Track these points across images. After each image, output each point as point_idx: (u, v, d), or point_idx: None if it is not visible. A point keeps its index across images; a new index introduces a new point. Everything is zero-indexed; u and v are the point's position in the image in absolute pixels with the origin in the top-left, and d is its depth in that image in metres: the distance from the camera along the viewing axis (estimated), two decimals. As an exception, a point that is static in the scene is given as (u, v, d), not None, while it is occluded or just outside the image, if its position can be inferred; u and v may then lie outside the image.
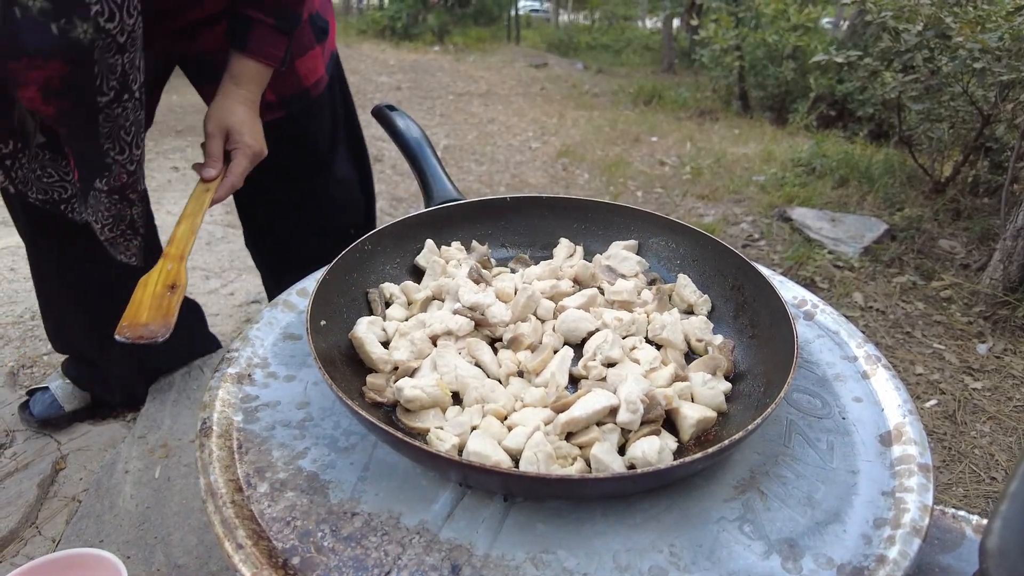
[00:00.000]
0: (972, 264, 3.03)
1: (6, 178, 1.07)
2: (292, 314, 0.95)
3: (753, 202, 3.93)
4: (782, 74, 5.92)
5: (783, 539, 0.64)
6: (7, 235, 2.91)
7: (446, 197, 1.09)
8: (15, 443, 1.72)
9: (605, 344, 0.81)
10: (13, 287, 2.50)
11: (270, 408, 0.78)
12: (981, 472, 1.89)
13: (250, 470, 0.69)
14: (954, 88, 3.22)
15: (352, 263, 0.93)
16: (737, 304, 0.94)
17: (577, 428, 0.70)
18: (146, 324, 0.80)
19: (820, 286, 2.90)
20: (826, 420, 0.80)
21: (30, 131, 1.05)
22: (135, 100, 0.92)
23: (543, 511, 0.67)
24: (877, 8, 3.17)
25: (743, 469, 0.73)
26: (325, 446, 0.73)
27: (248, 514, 0.64)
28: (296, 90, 1.34)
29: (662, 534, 0.65)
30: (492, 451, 0.67)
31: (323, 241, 1.50)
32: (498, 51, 10.18)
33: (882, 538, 0.64)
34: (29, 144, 1.06)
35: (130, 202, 1.08)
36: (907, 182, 4.01)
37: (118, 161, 0.98)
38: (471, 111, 6.22)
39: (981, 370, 2.34)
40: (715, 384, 0.78)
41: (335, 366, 0.78)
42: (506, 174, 4.49)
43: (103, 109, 0.89)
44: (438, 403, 0.75)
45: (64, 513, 1.53)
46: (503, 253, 1.11)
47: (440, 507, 0.67)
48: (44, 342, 2.17)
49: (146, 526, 1.47)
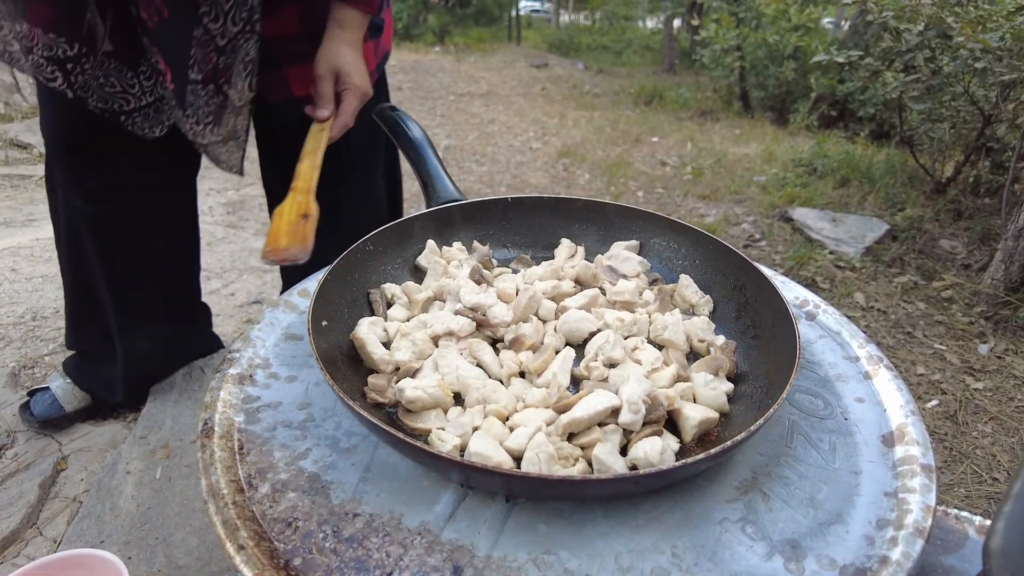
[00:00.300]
0: (973, 264, 3.02)
1: (65, 81, 1.07)
2: (293, 314, 0.95)
3: (754, 202, 3.93)
4: (783, 74, 5.91)
5: (785, 540, 0.64)
6: (7, 235, 2.91)
7: (448, 198, 1.09)
8: (16, 444, 1.72)
9: (607, 345, 0.80)
10: (15, 287, 2.50)
11: (271, 409, 0.78)
12: (983, 473, 1.89)
13: (252, 471, 0.69)
14: (955, 88, 3.22)
15: (354, 263, 0.93)
16: (739, 304, 0.94)
17: (579, 429, 0.70)
18: (286, 248, 0.88)
19: (821, 286, 2.89)
20: (828, 421, 0.80)
21: (98, 36, 1.05)
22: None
23: (545, 512, 0.67)
24: (878, 8, 3.16)
25: (745, 470, 0.73)
26: (327, 447, 0.73)
27: (250, 515, 0.64)
28: None
29: (664, 535, 0.65)
30: (494, 452, 0.66)
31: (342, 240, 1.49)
32: (499, 51, 10.17)
33: (885, 539, 0.64)
34: (95, 50, 1.07)
35: (224, 96, 1.08)
36: (908, 182, 4.01)
37: (210, 32, 0.98)
38: (472, 111, 6.22)
39: (983, 370, 2.34)
40: (717, 385, 0.78)
41: (336, 367, 0.78)
42: (507, 174, 4.49)
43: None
44: (440, 404, 0.75)
45: (65, 514, 1.53)
46: (504, 253, 1.11)
47: (442, 508, 0.67)
48: (45, 343, 2.17)
49: (147, 527, 1.47)
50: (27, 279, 2.57)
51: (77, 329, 1.70)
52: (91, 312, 1.61)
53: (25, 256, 2.74)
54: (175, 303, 1.66)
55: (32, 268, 2.65)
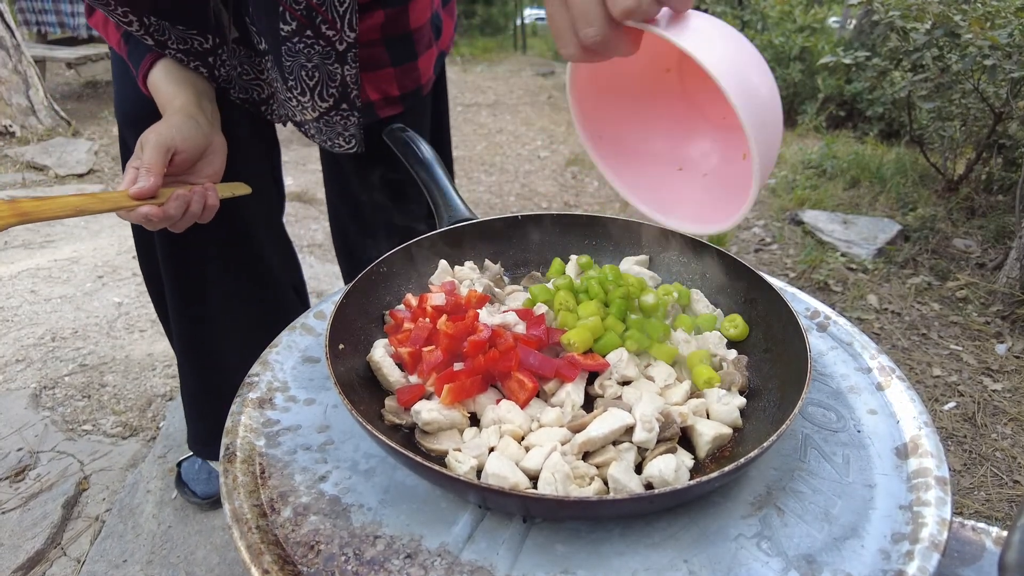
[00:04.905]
0: (988, 263, 3.00)
1: (210, 74, 1.09)
2: (311, 337, 0.97)
3: (764, 206, 3.92)
4: (790, 76, 5.90)
5: (801, 555, 0.65)
6: (26, 257, 2.97)
7: (458, 217, 1.10)
8: (39, 464, 1.76)
9: (620, 362, 0.81)
10: (34, 309, 2.55)
11: (291, 432, 0.80)
12: (1003, 475, 1.88)
13: (274, 495, 0.71)
14: (965, 86, 3.21)
15: (368, 286, 0.94)
16: (750, 318, 0.94)
17: (594, 448, 0.71)
18: None
19: (834, 289, 2.88)
20: (841, 433, 0.80)
21: (225, 24, 1.06)
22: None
23: (562, 531, 0.68)
24: (884, 8, 3.16)
25: (760, 485, 0.73)
26: (347, 469, 0.75)
27: (273, 539, 0.65)
28: (414, 86, 1.30)
29: (680, 552, 0.65)
30: (510, 472, 0.67)
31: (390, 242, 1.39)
32: (505, 61, 10.22)
33: (901, 553, 0.64)
34: (226, 39, 1.07)
35: (328, 40, 1.02)
36: (919, 181, 3.98)
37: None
38: (479, 122, 6.25)
39: (1000, 371, 2.32)
40: (730, 400, 0.79)
41: (354, 389, 0.79)
42: (516, 184, 4.50)
43: None
44: (455, 425, 0.76)
45: (88, 533, 1.56)
46: (515, 271, 1.12)
47: (460, 529, 0.68)
48: (65, 363, 2.21)
49: (169, 545, 1.50)
50: (46, 300, 2.61)
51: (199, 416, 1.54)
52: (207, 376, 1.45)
53: (44, 277, 2.79)
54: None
55: (51, 289, 2.70)
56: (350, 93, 1.12)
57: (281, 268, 1.47)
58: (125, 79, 1.17)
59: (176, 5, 1.01)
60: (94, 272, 2.85)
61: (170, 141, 0.95)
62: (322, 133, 1.20)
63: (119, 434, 1.89)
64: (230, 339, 1.37)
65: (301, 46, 1.03)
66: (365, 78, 1.21)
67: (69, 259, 2.96)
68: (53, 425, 1.90)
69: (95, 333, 2.40)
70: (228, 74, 1.13)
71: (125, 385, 2.10)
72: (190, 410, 1.51)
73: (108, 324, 2.46)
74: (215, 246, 1.26)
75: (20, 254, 3.00)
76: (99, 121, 5.29)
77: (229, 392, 0.84)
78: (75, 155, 4.33)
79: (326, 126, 1.18)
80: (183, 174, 1.03)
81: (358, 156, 1.27)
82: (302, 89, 1.09)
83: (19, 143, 4.55)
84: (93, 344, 2.33)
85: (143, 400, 2.03)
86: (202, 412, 1.50)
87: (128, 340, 2.36)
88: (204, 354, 1.39)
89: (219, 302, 1.33)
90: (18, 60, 4.66)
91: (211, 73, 1.09)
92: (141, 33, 1.01)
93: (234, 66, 1.13)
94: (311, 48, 1.03)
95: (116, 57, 1.18)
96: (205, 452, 1.59)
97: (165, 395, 2.06)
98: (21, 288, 2.69)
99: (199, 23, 1.03)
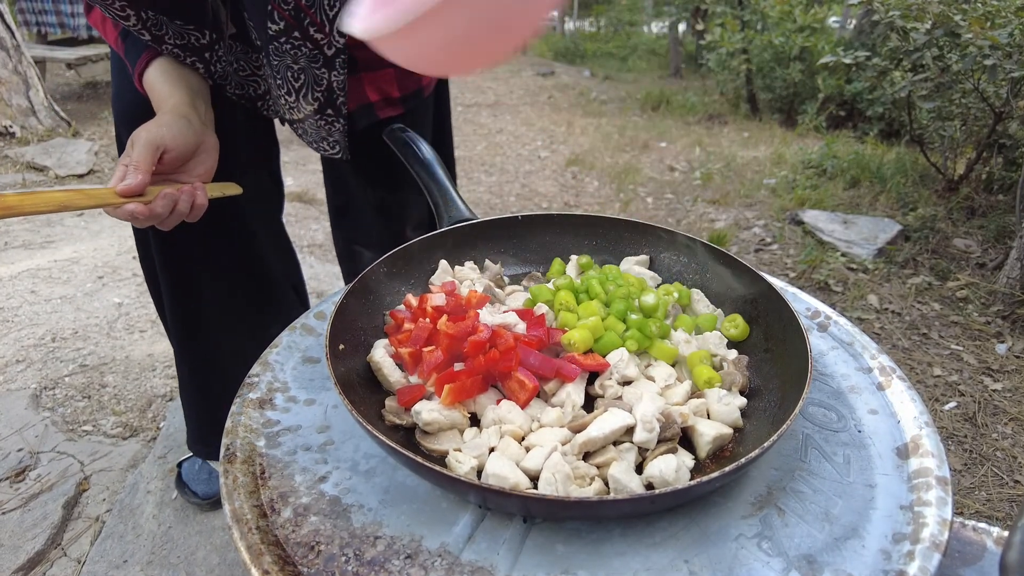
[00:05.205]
0: (988, 263, 3.00)
1: (206, 71, 1.08)
2: (311, 338, 0.97)
3: (764, 206, 3.92)
4: (790, 76, 5.90)
5: (802, 555, 0.65)
6: (26, 257, 2.97)
7: (459, 217, 1.10)
8: (39, 464, 1.76)
9: (620, 362, 0.81)
10: (34, 309, 2.55)
11: (291, 432, 0.80)
12: (1004, 475, 1.87)
13: (274, 495, 0.71)
14: (965, 85, 3.21)
15: (369, 286, 0.94)
16: (750, 318, 0.94)
17: (594, 448, 0.71)
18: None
19: (834, 289, 2.88)
20: (842, 433, 0.80)
21: (223, 20, 1.06)
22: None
23: (563, 531, 0.68)
24: (884, 8, 3.16)
25: (760, 485, 0.73)
26: (347, 469, 0.75)
27: (273, 540, 0.65)
28: (415, 87, 1.30)
29: (681, 552, 0.65)
30: (510, 472, 0.67)
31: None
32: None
33: (901, 553, 0.64)
34: (223, 35, 1.07)
35: (315, 43, 1.01)
36: (920, 181, 3.98)
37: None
38: (480, 122, 6.26)
39: (1001, 371, 2.32)
40: (730, 400, 0.79)
41: (354, 389, 0.79)
42: (516, 184, 4.50)
43: None
44: (456, 425, 0.76)
45: (88, 534, 1.56)
46: (515, 271, 1.12)
47: (461, 529, 0.68)
48: (65, 363, 2.21)
49: (169, 546, 1.49)
50: (46, 300, 2.61)
51: (205, 414, 1.52)
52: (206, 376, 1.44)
53: (44, 278, 2.79)
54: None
55: (51, 290, 2.70)
56: (336, 99, 1.11)
57: (281, 268, 1.46)
58: (123, 77, 1.17)
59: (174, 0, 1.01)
60: (94, 272, 2.85)
61: (160, 139, 0.95)
62: (308, 135, 1.20)
63: (119, 435, 1.89)
64: (229, 339, 1.37)
65: (288, 47, 1.02)
66: (366, 78, 1.21)
67: (69, 259, 2.96)
68: (53, 425, 1.90)
69: (95, 333, 2.40)
70: (224, 70, 1.12)
71: (125, 385, 2.10)
72: (190, 410, 1.51)
73: (108, 324, 2.46)
74: (213, 246, 1.26)
75: (20, 254, 3.00)
76: (99, 122, 5.29)
77: (229, 392, 0.84)
78: (75, 156, 4.33)
79: (312, 128, 1.18)
80: (173, 173, 1.02)
81: (358, 157, 1.27)
82: (288, 89, 1.09)
83: (19, 144, 4.55)
84: (93, 344, 2.33)
85: (143, 400, 2.03)
86: (201, 412, 1.50)
87: (128, 340, 2.36)
88: (203, 354, 1.39)
89: (218, 302, 1.33)
90: (18, 61, 4.66)
91: (207, 69, 1.09)
92: (138, 28, 1.00)
93: (230, 62, 1.13)
94: (298, 50, 1.03)
95: (115, 55, 1.18)
96: (205, 452, 1.59)
97: (165, 395, 2.06)
98: (21, 288, 2.69)
99: (197, 18, 1.03)
